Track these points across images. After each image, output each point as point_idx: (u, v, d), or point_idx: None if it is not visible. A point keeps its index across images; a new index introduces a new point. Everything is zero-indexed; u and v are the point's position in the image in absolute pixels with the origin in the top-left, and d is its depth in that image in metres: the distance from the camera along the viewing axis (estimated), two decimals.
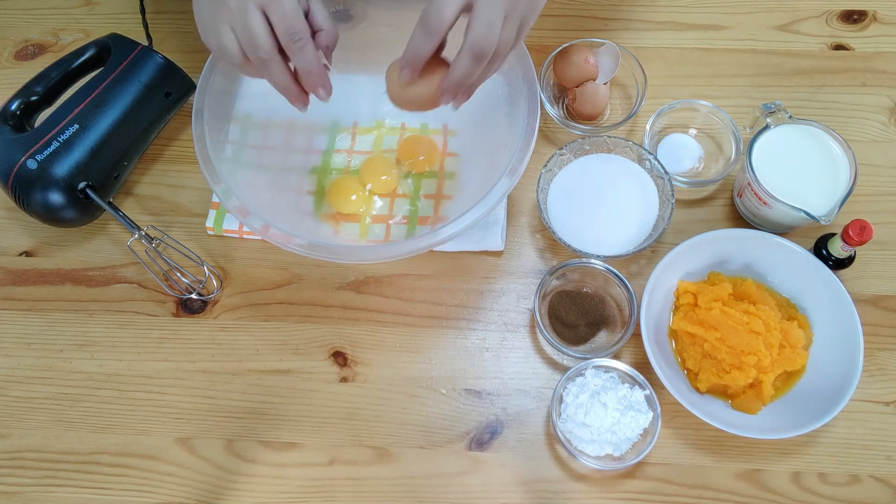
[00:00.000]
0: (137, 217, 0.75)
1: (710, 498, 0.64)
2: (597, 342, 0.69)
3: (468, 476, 0.66)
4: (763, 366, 0.63)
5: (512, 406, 0.68)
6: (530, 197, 0.76)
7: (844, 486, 0.64)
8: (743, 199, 0.72)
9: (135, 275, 0.74)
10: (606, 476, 0.65)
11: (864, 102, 0.79)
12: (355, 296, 0.72)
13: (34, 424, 0.69)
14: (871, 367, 0.67)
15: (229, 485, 0.66)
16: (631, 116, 0.75)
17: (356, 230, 0.74)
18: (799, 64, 0.81)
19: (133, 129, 0.74)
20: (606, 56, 0.78)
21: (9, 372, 0.71)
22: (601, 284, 0.70)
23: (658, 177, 0.72)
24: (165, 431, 0.68)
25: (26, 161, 0.69)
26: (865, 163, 0.74)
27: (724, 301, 0.65)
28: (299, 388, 0.69)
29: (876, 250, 0.72)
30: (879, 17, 0.83)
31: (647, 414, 0.63)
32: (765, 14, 0.84)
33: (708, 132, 0.77)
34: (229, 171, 0.64)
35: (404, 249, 0.62)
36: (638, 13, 0.85)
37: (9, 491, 0.67)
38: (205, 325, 0.72)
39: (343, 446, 0.67)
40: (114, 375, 0.70)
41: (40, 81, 0.74)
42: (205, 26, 0.56)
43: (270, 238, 0.61)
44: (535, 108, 0.63)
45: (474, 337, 0.71)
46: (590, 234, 0.70)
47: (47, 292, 0.74)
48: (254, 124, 0.71)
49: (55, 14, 0.89)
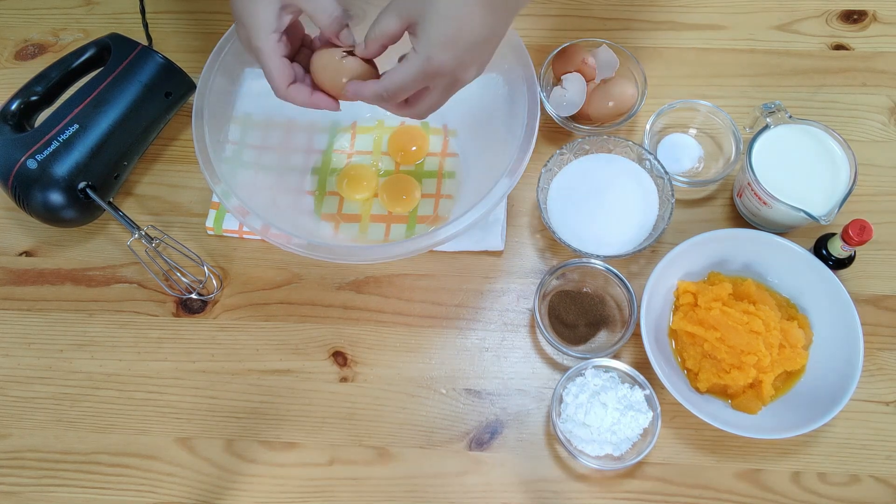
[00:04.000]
0: (137, 217, 0.75)
1: (710, 498, 0.64)
2: (597, 342, 0.69)
3: (468, 476, 0.66)
4: (763, 366, 0.63)
5: (512, 406, 0.68)
6: (530, 197, 0.76)
7: (844, 486, 0.64)
8: (743, 199, 0.72)
9: (135, 275, 0.74)
10: (606, 476, 0.65)
11: (864, 102, 0.79)
12: (355, 296, 0.72)
13: (34, 424, 0.69)
14: (871, 367, 0.67)
15: (229, 485, 0.66)
16: (631, 116, 0.75)
17: (356, 230, 0.74)
18: (799, 64, 0.81)
19: (133, 129, 0.74)
20: (604, 57, 0.78)
21: (9, 372, 0.71)
22: (601, 284, 0.70)
23: (658, 177, 0.72)
24: (165, 431, 0.68)
25: (26, 161, 0.69)
26: (865, 163, 0.74)
27: (724, 301, 0.65)
28: (299, 388, 0.69)
29: (876, 250, 0.72)
30: (879, 17, 0.83)
31: (647, 414, 0.63)
32: (764, 14, 0.84)
33: (708, 132, 0.77)
34: (229, 171, 0.64)
35: (404, 249, 0.62)
36: (637, 13, 0.85)
37: (9, 491, 0.67)
38: (205, 325, 0.72)
39: (343, 446, 0.67)
40: (114, 375, 0.70)
41: (40, 81, 0.74)
42: None
43: (270, 238, 0.61)
44: (535, 108, 0.63)
45: (474, 337, 0.71)
46: (590, 234, 0.70)
47: (47, 292, 0.74)
48: (254, 124, 0.71)
49: (55, 14, 0.89)
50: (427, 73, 0.52)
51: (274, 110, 0.63)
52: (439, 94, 0.55)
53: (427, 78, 0.53)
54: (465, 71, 0.53)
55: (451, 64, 0.52)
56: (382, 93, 0.54)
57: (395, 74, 0.53)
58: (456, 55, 0.51)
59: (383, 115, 0.79)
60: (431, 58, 0.51)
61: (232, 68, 0.68)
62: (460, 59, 0.52)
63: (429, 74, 0.52)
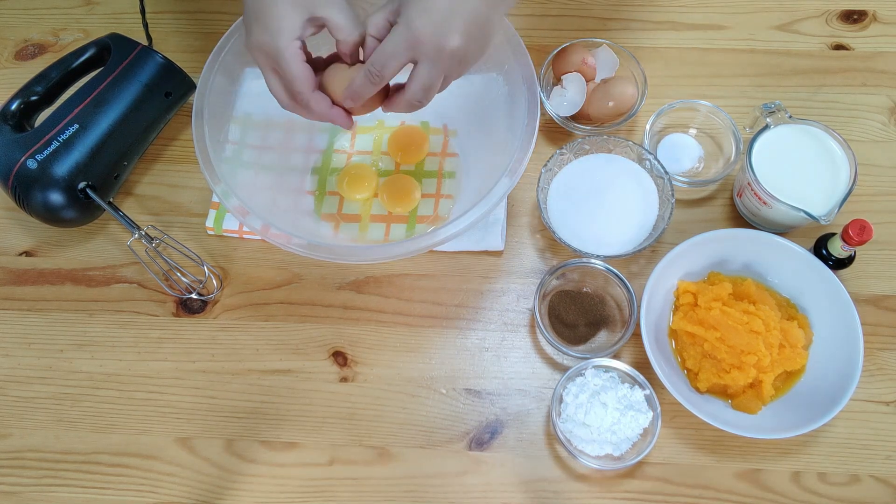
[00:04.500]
0: (137, 217, 0.75)
1: (710, 498, 0.64)
2: (597, 342, 0.69)
3: (468, 476, 0.66)
4: (763, 365, 0.63)
5: (512, 406, 0.68)
6: (530, 197, 0.76)
7: (844, 486, 0.64)
8: (743, 199, 0.72)
9: (135, 275, 0.74)
10: (606, 476, 0.65)
11: (864, 102, 0.79)
12: (355, 296, 0.72)
13: (34, 424, 0.69)
14: (871, 366, 0.67)
15: (229, 485, 0.66)
16: (631, 116, 0.75)
17: (356, 230, 0.74)
18: (799, 64, 0.81)
19: (133, 129, 0.74)
20: (604, 57, 0.78)
21: (9, 372, 0.71)
22: (601, 284, 0.70)
23: (658, 177, 0.72)
24: (165, 431, 0.68)
25: (26, 161, 0.69)
26: (865, 163, 0.74)
27: (724, 301, 0.65)
28: (299, 387, 0.69)
29: (876, 250, 0.72)
30: (879, 17, 0.83)
31: (647, 414, 0.63)
32: (764, 14, 0.84)
33: (708, 132, 0.77)
34: (229, 171, 0.64)
35: (404, 249, 0.62)
36: (637, 13, 0.85)
37: (9, 491, 0.67)
38: (205, 325, 0.72)
39: (343, 446, 0.67)
40: (114, 375, 0.70)
41: (40, 81, 0.74)
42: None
43: (270, 238, 0.61)
44: (535, 108, 0.63)
45: (474, 337, 0.71)
46: (590, 234, 0.70)
47: (47, 292, 0.74)
48: (254, 124, 0.71)
49: (55, 14, 0.89)
50: (409, 40, 0.53)
51: (274, 110, 0.63)
52: (429, 69, 0.55)
53: (410, 46, 0.54)
54: (448, 37, 0.53)
55: (430, 28, 0.52)
56: (370, 68, 0.55)
57: (380, 47, 0.55)
58: (434, 19, 0.52)
59: (384, 115, 0.79)
60: (410, 22, 0.53)
61: (232, 68, 0.68)
62: (439, 24, 0.52)
63: (410, 42, 0.53)
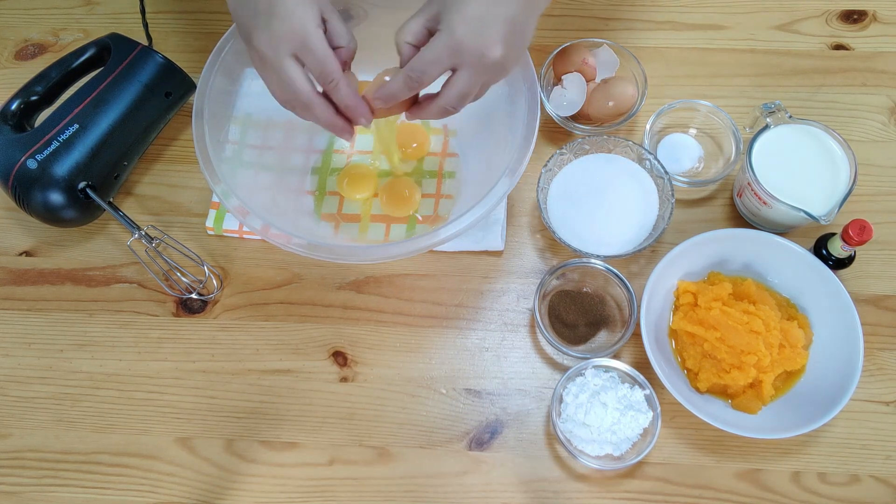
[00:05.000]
0: (137, 217, 0.75)
1: (710, 498, 0.64)
2: (597, 342, 0.69)
3: (468, 476, 0.66)
4: (763, 365, 0.63)
5: (512, 406, 0.68)
6: (530, 197, 0.76)
7: (844, 486, 0.64)
8: (743, 199, 0.72)
9: (135, 275, 0.74)
10: (606, 476, 0.65)
11: (864, 102, 0.79)
12: (355, 296, 0.72)
13: (34, 424, 0.69)
14: (871, 366, 0.67)
15: (229, 485, 0.66)
16: (631, 116, 0.75)
17: (356, 230, 0.74)
18: (799, 64, 0.81)
19: (133, 129, 0.74)
20: (604, 57, 0.78)
21: (9, 372, 0.71)
22: (601, 284, 0.70)
23: (658, 177, 0.72)
24: (165, 431, 0.68)
25: (26, 161, 0.69)
26: (865, 163, 0.74)
27: (724, 301, 0.65)
28: (299, 387, 0.69)
29: (876, 250, 0.72)
30: (879, 17, 0.83)
31: (647, 414, 0.63)
32: (764, 14, 0.84)
33: (708, 132, 0.77)
34: (229, 171, 0.64)
35: (404, 249, 0.62)
36: (638, 13, 0.85)
37: (9, 491, 0.67)
38: (205, 325, 0.72)
39: (343, 446, 0.67)
40: (114, 375, 0.70)
41: (40, 81, 0.74)
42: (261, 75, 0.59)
43: (270, 238, 0.61)
44: (535, 108, 0.63)
45: (474, 337, 0.71)
46: (590, 234, 0.70)
47: (47, 292, 0.74)
48: (254, 124, 0.71)
49: (55, 14, 0.89)
50: (451, 46, 0.52)
51: (274, 110, 0.63)
52: (468, 77, 0.54)
53: (452, 54, 0.52)
54: (491, 46, 0.52)
55: (473, 36, 0.51)
56: (410, 73, 0.53)
57: (421, 53, 0.53)
58: (478, 28, 0.51)
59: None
60: (454, 30, 0.51)
61: (232, 68, 0.68)
62: (483, 33, 0.51)
63: (452, 49, 0.52)
